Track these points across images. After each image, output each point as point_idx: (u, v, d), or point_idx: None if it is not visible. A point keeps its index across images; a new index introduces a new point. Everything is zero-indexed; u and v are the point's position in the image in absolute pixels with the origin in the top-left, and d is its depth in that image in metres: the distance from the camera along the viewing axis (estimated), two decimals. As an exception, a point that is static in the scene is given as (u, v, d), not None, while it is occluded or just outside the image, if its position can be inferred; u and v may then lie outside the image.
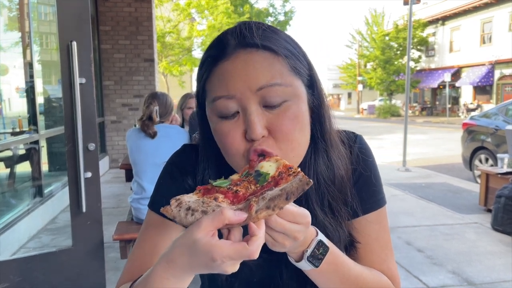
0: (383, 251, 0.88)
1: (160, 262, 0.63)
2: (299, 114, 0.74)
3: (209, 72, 0.75)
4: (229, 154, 0.74)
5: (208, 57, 0.77)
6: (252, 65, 0.71)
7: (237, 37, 0.74)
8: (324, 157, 0.83)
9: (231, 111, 0.72)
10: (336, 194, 0.83)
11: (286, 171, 0.63)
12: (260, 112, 0.71)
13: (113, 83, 8.04)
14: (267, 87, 0.70)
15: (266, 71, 0.71)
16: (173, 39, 17.34)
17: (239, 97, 0.71)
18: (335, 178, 0.83)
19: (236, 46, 0.73)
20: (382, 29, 31.44)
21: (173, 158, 0.92)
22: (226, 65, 0.73)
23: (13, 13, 5.18)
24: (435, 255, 3.79)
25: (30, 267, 2.59)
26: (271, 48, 0.73)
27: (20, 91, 4.99)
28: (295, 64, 0.75)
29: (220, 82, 0.73)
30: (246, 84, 0.70)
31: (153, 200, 0.89)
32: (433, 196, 6.01)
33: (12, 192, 4.68)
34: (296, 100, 0.73)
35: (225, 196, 0.62)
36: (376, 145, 12.94)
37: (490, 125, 6.73)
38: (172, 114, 3.05)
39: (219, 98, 0.72)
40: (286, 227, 0.61)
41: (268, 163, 0.66)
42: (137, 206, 2.85)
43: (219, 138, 0.75)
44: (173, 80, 20.75)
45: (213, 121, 0.76)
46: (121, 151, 8.11)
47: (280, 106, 0.72)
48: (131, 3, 7.86)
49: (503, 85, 24.51)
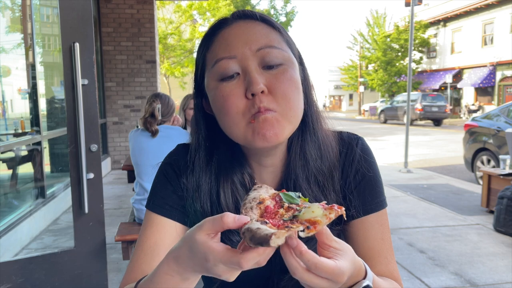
0: (388, 252, 0.88)
1: (166, 257, 0.64)
2: (295, 78, 0.77)
3: (210, 41, 0.80)
4: (230, 114, 0.75)
5: (208, 31, 0.82)
6: (252, 30, 0.77)
7: (237, 13, 0.81)
8: (312, 134, 0.85)
9: (232, 71, 0.75)
10: (323, 169, 0.85)
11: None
12: (259, 71, 0.74)
13: (115, 85, 8.06)
14: (266, 48, 0.75)
15: (264, 36, 0.77)
16: (175, 40, 17.38)
17: (240, 57, 0.75)
18: (322, 155, 0.85)
19: (236, 18, 0.80)
20: (383, 30, 31.45)
21: (167, 158, 0.93)
22: (227, 31, 0.78)
23: (16, 15, 5.20)
24: (437, 256, 3.78)
25: (32, 268, 2.60)
26: (269, 21, 0.80)
27: (22, 93, 5.01)
28: (288, 40, 0.81)
29: (222, 45, 0.77)
30: (246, 45, 0.75)
31: (150, 200, 0.90)
32: (435, 198, 6.00)
33: (14, 193, 4.69)
34: (291, 65, 0.78)
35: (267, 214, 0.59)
36: (378, 146, 12.93)
37: (492, 127, 6.72)
38: (173, 114, 3.06)
39: (221, 60, 0.76)
40: (314, 281, 0.58)
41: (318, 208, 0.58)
42: (139, 207, 2.85)
43: (219, 101, 0.76)
44: (175, 81, 20.77)
45: (213, 87, 0.78)
46: (123, 152, 8.12)
47: (277, 68, 0.75)
48: (133, 5, 7.88)
49: (504, 86, 24.47)
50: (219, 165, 0.85)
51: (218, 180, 0.85)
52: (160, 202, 0.87)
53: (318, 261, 0.56)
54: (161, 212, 0.86)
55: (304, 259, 0.56)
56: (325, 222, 0.55)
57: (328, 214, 0.55)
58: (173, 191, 0.88)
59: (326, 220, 0.55)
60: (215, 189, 0.85)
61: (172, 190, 0.88)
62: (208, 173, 0.85)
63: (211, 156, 0.85)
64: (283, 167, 0.88)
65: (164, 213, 0.86)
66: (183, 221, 0.87)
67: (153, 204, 0.88)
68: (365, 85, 34.44)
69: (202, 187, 0.85)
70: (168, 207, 0.86)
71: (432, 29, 29.55)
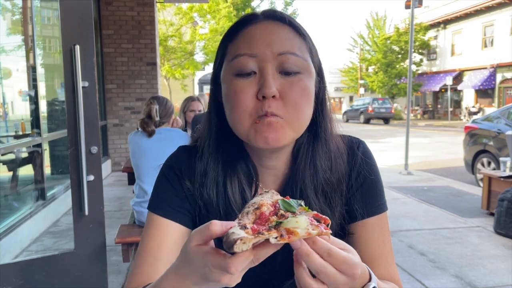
0: (388, 255, 0.88)
1: (166, 274, 0.65)
2: (309, 89, 0.78)
3: (235, 34, 0.80)
4: (238, 111, 0.76)
5: (236, 23, 0.82)
6: (277, 33, 0.77)
7: (267, 12, 0.81)
8: (323, 145, 0.85)
9: (249, 69, 0.75)
10: (332, 182, 0.85)
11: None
12: (276, 75, 0.75)
13: (115, 87, 8.07)
14: (287, 54, 0.75)
15: (288, 41, 0.77)
16: (175, 42, 17.38)
17: (260, 57, 0.75)
18: (332, 166, 0.85)
19: (264, 17, 0.80)
20: (383, 32, 31.46)
21: (168, 160, 0.93)
22: (254, 28, 0.78)
23: (17, 17, 5.21)
24: (437, 258, 3.78)
25: (32, 270, 2.59)
26: (296, 27, 0.80)
27: (23, 95, 5.01)
28: (312, 48, 0.82)
29: (245, 42, 0.77)
30: (269, 47, 0.75)
31: (152, 201, 0.90)
32: (435, 200, 5.99)
33: (14, 195, 4.69)
34: (308, 75, 0.78)
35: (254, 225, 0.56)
36: (378, 148, 12.93)
37: (492, 129, 6.72)
38: (172, 116, 3.06)
39: (241, 55, 0.76)
40: (329, 272, 0.57)
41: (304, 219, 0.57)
42: (139, 209, 2.85)
43: (231, 95, 0.77)
44: (175, 83, 20.79)
45: (227, 80, 0.78)
46: (123, 154, 8.12)
47: (294, 75, 0.76)
48: (133, 7, 7.90)
49: (505, 88, 24.46)
50: (227, 154, 0.86)
51: (225, 170, 0.85)
52: (162, 204, 0.87)
53: (332, 247, 0.57)
54: (163, 214, 0.86)
55: (317, 247, 0.56)
56: (302, 236, 0.53)
57: (311, 229, 0.54)
58: (175, 193, 0.88)
59: (305, 234, 0.53)
60: (222, 179, 0.85)
61: (174, 192, 0.88)
62: (215, 161, 0.86)
63: (220, 144, 0.86)
64: (287, 171, 0.88)
65: (166, 214, 0.86)
66: (185, 223, 0.87)
67: (155, 206, 0.88)
68: (365, 87, 34.42)
69: (209, 174, 0.86)
70: (170, 209, 0.87)
71: (432, 31, 29.56)
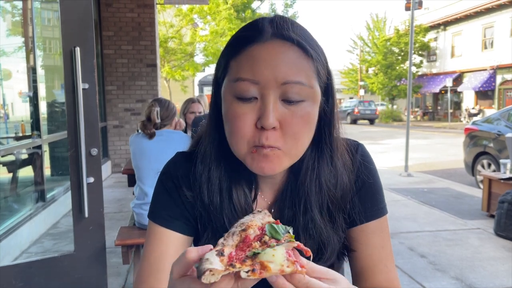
0: (388, 260, 0.87)
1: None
2: (311, 117, 0.75)
3: (238, 51, 0.75)
4: (235, 136, 0.74)
5: (240, 36, 0.77)
6: (284, 58, 0.72)
7: (275, 27, 0.75)
8: (329, 163, 0.83)
9: (250, 95, 0.72)
10: (337, 200, 0.84)
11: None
12: (277, 104, 0.72)
13: (115, 88, 8.07)
14: (292, 83, 0.71)
15: (295, 68, 0.72)
16: (175, 44, 17.40)
17: (262, 84, 0.71)
18: (337, 184, 0.84)
19: (272, 35, 0.74)
20: (383, 34, 31.49)
21: (165, 168, 0.91)
22: (259, 49, 0.73)
23: (17, 18, 5.21)
24: (438, 261, 3.77)
25: (32, 272, 2.59)
26: (305, 47, 0.74)
27: (23, 96, 5.01)
28: (319, 68, 0.76)
29: (248, 64, 0.73)
30: (273, 74, 0.71)
31: (152, 210, 0.89)
32: (436, 202, 5.99)
33: (14, 197, 4.69)
34: (312, 102, 0.75)
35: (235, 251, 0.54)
36: (378, 150, 12.92)
37: (493, 130, 6.72)
38: (174, 118, 3.06)
39: (243, 80, 0.72)
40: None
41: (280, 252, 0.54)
42: (139, 212, 2.85)
43: (230, 118, 0.75)
44: (176, 85, 20.80)
45: (228, 100, 0.75)
46: (124, 156, 8.12)
47: (297, 104, 0.73)
48: (133, 9, 7.90)
49: (505, 90, 24.48)
50: (229, 158, 0.82)
51: (228, 175, 0.84)
52: (162, 213, 0.87)
53: (311, 281, 0.54)
54: (162, 223, 0.86)
55: (295, 281, 0.53)
56: (274, 273, 0.50)
57: (285, 266, 0.51)
58: (173, 202, 0.87)
59: (277, 272, 0.50)
60: (225, 184, 0.83)
61: (172, 201, 0.87)
62: (218, 165, 0.84)
63: (222, 147, 0.83)
64: (284, 179, 0.87)
65: (166, 224, 0.86)
66: (186, 231, 0.87)
67: (155, 215, 0.88)
68: (365, 89, 34.44)
69: (212, 178, 0.83)
70: (170, 218, 0.86)
71: (432, 33, 29.58)
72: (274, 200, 0.88)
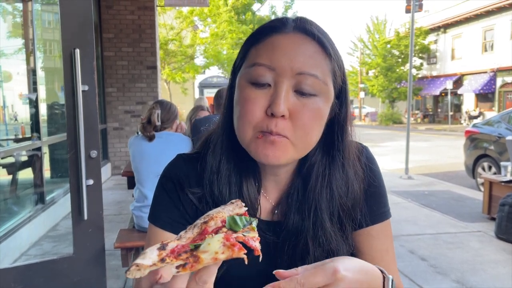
0: (391, 263, 0.87)
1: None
2: (322, 113, 0.75)
3: (260, 39, 0.76)
4: (243, 120, 0.74)
5: (264, 27, 0.78)
6: (302, 49, 0.73)
7: (298, 22, 0.76)
8: (340, 170, 0.83)
9: (265, 81, 0.73)
10: (348, 207, 0.83)
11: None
12: (290, 94, 0.72)
13: (115, 90, 8.07)
14: (307, 74, 0.72)
15: (312, 61, 0.73)
16: (175, 46, 17.40)
17: (278, 71, 0.72)
18: (348, 192, 0.83)
19: (294, 28, 0.76)
20: (383, 36, 31.54)
21: (165, 171, 0.90)
22: (279, 39, 0.74)
23: (17, 20, 5.21)
24: (438, 263, 3.76)
25: (31, 274, 2.58)
26: (324, 45, 0.75)
27: (23, 98, 5.01)
28: (335, 69, 0.77)
29: (267, 51, 0.74)
30: (290, 63, 0.72)
31: (152, 213, 0.88)
32: (436, 204, 5.98)
33: (14, 199, 4.68)
34: (324, 99, 0.75)
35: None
36: (379, 152, 12.91)
37: (493, 133, 6.71)
38: (176, 121, 3.04)
39: (260, 65, 0.73)
40: None
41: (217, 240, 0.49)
42: (138, 214, 2.84)
43: (240, 102, 0.75)
44: (176, 87, 20.79)
45: (241, 86, 0.76)
46: (123, 158, 8.11)
47: (309, 97, 0.73)
48: (134, 11, 7.91)
49: (505, 92, 24.48)
50: (241, 153, 0.81)
51: (238, 168, 0.83)
52: (162, 216, 0.86)
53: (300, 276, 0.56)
54: (162, 226, 0.85)
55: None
56: (207, 262, 0.46)
57: (220, 253, 0.46)
58: (174, 205, 0.86)
59: (211, 261, 0.46)
60: (235, 178, 0.83)
61: (173, 203, 0.86)
62: (229, 157, 0.83)
63: (233, 139, 0.82)
64: (288, 180, 0.86)
65: (166, 227, 0.85)
66: None
67: (155, 217, 0.87)
68: (366, 91, 34.47)
69: (222, 171, 0.83)
70: (170, 220, 0.85)
71: (432, 36, 29.62)
72: (278, 201, 0.87)
